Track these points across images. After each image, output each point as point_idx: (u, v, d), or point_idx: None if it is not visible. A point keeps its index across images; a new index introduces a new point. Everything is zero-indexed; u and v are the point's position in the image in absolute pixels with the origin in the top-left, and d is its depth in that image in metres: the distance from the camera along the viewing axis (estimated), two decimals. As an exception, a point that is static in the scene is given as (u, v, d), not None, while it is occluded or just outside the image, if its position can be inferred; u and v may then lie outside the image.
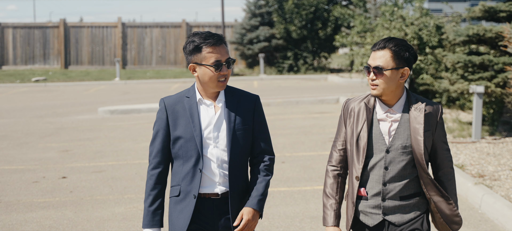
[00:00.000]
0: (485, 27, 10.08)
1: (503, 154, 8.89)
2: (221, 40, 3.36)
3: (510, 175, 7.63)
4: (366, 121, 3.30)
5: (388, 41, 3.27)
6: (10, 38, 32.49)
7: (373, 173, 3.31)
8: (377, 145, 3.29)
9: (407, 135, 3.28)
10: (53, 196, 7.69)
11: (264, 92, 20.07)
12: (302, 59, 29.49)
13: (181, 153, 3.40)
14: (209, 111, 3.41)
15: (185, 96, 3.45)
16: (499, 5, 10.27)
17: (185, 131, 3.38)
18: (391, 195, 3.31)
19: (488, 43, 10.48)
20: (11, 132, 13.01)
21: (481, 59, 10.09)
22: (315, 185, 7.83)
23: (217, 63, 3.33)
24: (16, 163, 9.76)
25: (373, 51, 3.30)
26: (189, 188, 3.38)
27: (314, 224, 6.31)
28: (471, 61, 10.13)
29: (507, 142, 9.73)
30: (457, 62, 10.30)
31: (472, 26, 10.17)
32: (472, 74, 10.28)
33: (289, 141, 11.06)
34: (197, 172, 3.37)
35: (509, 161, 8.38)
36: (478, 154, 8.93)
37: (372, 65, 3.27)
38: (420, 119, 3.26)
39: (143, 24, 32.87)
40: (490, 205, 6.47)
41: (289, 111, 15.45)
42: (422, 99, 3.35)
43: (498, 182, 7.36)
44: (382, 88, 3.26)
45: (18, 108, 17.54)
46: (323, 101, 17.08)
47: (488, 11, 10.27)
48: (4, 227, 6.46)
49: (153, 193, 3.44)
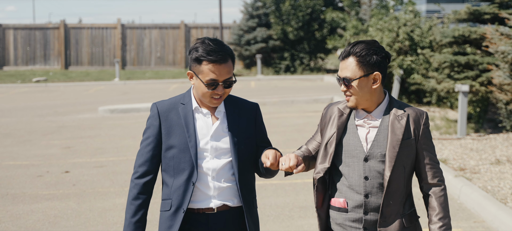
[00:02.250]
0: (470, 28, 10.53)
1: (485, 149, 9.33)
2: (224, 58, 3.09)
3: (489, 169, 8.07)
4: (338, 128, 3.10)
5: (353, 47, 3.05)
6: (11, 39, 32.92)
7: (352, 182, 3.07)
8: (355, 152, 3.06)
9: (386, 142, 3.04)
10: (57, 189, 8.11)
11: (261, 92, 20.52)
12: (299, 60, 29.94)
13: (173, 164, 3.17)
14: (206, 121, 3.19)
15: (180, 103, 3.22)
16: (484, 8, 10.71)
17: (179, 141, 3.15)
18: (374, 207, 3.05)
19: (473, 44, 10.94)
20: (14, 130, 13.42)
21: (466, 59, 10.54)
22: (305, 179, 8.25)
23: (212, 83, 3.09)
24: (20, 159, 10.17)
25: (340, 61, 3.07)
26: (180, 202, 3.16)
27: (302, 213, 6.74)
28: (457, 61, 10.59)
29: (490, 139, 10.17)
30: (444, 62, 10.75)
31: (458, 28, 10.62)
32: (458, 74, 10.73)
33: (282, 138, 11.49)
34: (190, 185, 3.14)
35: (490, 156, 8.82)
36: (462, 150, 9.36)
37: (341, 77, 3.06)
38: (398, 127, 3.03)
39: (142, 26, 33.31)
40: (468, 195, 6.90)
41: (284, 110, 15.89)
42: (405, 105, 3.11)
43: (478, 175, 7.79)
44: (355, 99, 3.05)
45: (20, 108, 17.95)
46: (318, 101, 17.51)
47: (473, 13, 10.72)
48: (12, 217, 6.87)
49: (136, 203, 3.19)
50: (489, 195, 6.73)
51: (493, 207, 6.28)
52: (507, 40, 8.70)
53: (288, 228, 6.28)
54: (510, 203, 6.54)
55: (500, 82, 8.92)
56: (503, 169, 8.02)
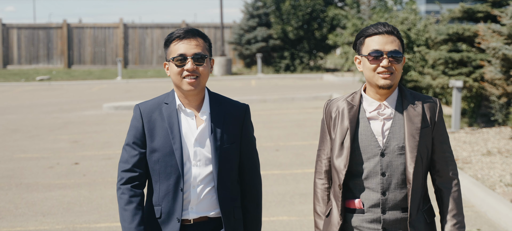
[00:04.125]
0: (464, 26, 10.97)
1: (477, 142, 9.73)
2: (191, 33, 2.95)
3: (480, 159, 8.47)
4: (351, 121, 2.86)
5: (392, 26, 2.86)
6: (15, 38, 33.36)
7: (368, 181, 2.84)
8: (370, 148, 2.84)
9: (403, 133, 2.83)
10: (68, 178, 8.50)
11: (261, 90, 20.94)
12: (299, 59, 30.38)
13: (158, 169, 2.95)
14: (190, 124, 2.98)
15: (164, 102, 3.01)
16: (477, 6, 11.15)
17: (164, 144, 2.94)
18: (392, 205, 2.83)
19: (467, 42, 11.36)
20: (22, 126, 13.81)
21: (460, 56, 10.96)
22: (305, 169, 8.65)
23: (181, 58, 2.91)
24: (31, 152, 10.56)
25: (380, 35, 2.82)
26: (171, 209, 2.94)
27: (302, 199, 7.13)
28: (451, 58, 11.00)
29: (483, 132, 10.58)
30: (439, 59, 11.17)
31: (452, 26, 11.05)
32: (452, 70, 11.16)
33: (283, 133, 11.89)
34: (179, 191, 2.93)
35: (482, 148, 9.22)
36: (455, 142, 9.76)
37: (388, 50, 2.79)
38: (415, 116, 2.83)
39: (144, 25, 33.74)
40: (459, 183, 7.30)
41: (285, 107, 16.30)
42: (416, 93, 2.92)
43: (469, 164, 8.19)
44: (396, 78, 2.82)
45: (25, 106, 18.34)
46: (317, 98, 17.92)
47: (467, 11, 11.15)
48: (27, 203, 7.27)
49: (130, 207, 2.92)
50: (479, 182, 7.13)
51: (482, 193, 6.68)
52: (498, 37, 9.11)
53: (289, 213, 6.67)
54: (498, 189, 6.94)
55: (491, 77, 9.33)
56: (494, 159, 8.42)
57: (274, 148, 10.21)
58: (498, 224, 6.08)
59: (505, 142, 9.55)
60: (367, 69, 2.84)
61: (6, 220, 6.65)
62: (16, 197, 7.57)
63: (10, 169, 9.12)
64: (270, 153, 9.79)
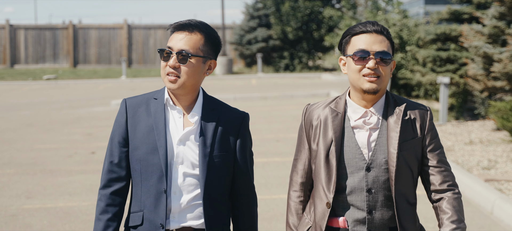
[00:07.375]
0: (450, 27, 11.86)
1: (462, 133, 10.59)
2: (187, 26, 2.62)
3: (463, 148, 9.32)
4: (335, 131, 2.59)
5: (382, 26, 2.60)
6: (22, 38, 34.25)
7: (352, 197, 2.58)
8: (354, 161, 2.56)
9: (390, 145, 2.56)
10: (88, 165, 9.33)
11: (262, 88, 21.82)
12: (298, 59, 31.28)
13: (139, 168, 2.68)
14: (177, 121, 2.68)
15: (153, 98, 2.73)
16: (463, 8, 12.05)
17: (147, 140, 2.65)
18: (380, 225, 2.58)
19: (454, 41, 12.24)
20: (36, 121, 14.62)
21: (447, 54, 11.84)
22: (303, 157, 9.49)
23: (166, 52, 2.62)
24: (49, 143, 11.39)
25: (367, 33, 2.54)
26: (153, 215, 2.65)
27: (300, 182, 7.98)
28: (439, 56, 11.89)
29: (468, 125, 11.45)
30: (427, 57, 12.05)
31: (440, 26, 11.94)
32: (440, 67, 12.04)
33: (283, 126, 12.74)
34: (162, 195, 2.64)
35: (466, 138, 10.07)
36: (442, 133, 10.61)
37: (375, 50, 2.52)
38: (396, 126, 2.55)
39: (147, 26, 34.62)
40: (441, 167, 8.16)
41: (285, 103, 17.16)
42: (404, 100, 2.64)
43: (452, 152, 9.04)
44: (384, 83, 2.55)
45: (35, 103, 19.15)
46: (316, 95, 18.79)
47: (453, 13, 12.05)
48: (54, 186, 8.09)
49: (104, 217, 2.68)
50: (459, 166, 7.97)
51: (459, 174, 7.52)
52: (480, 37, 9.97)
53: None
54: (475, 172, 7.79)
55: (474, 73, 10.19)
56: (474, 148, 9.27)
57: (274, 139, 11.06)
58: (472, 200, 6.92)
59: (487, 133, 10.40)
60: (351, 71, 2.56)
61: (36, 199, 7.48)
62: (42, 180, 8.40)
63: (33, 158, 9.94)
64: (271, 143, 10.64)
